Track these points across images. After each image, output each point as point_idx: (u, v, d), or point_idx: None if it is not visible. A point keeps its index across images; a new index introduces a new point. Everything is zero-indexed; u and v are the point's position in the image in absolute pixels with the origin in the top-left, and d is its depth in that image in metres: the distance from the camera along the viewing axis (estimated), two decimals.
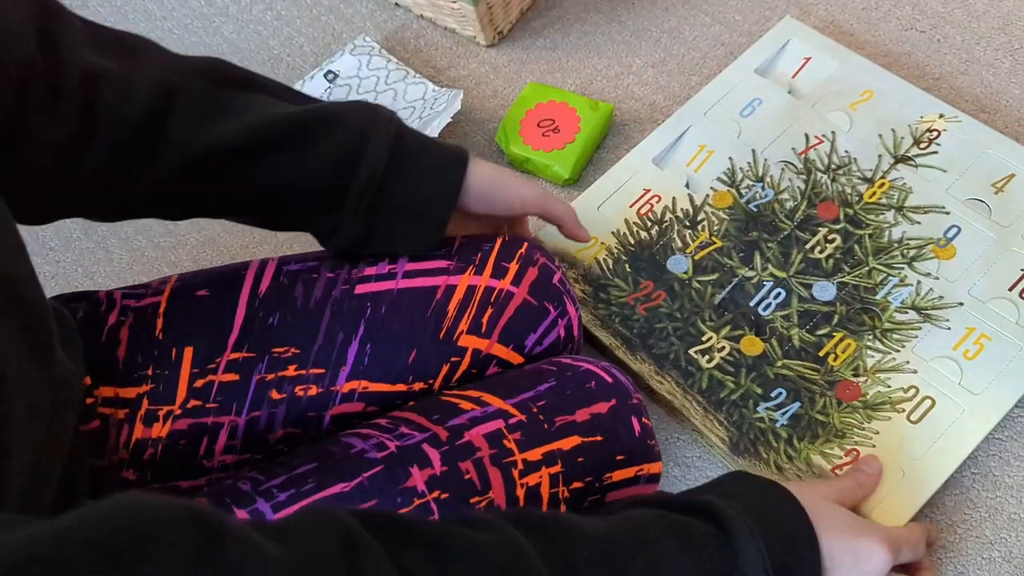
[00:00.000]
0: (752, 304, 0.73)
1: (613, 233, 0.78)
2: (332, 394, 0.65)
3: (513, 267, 0.66)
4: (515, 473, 0.59)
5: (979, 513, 0.68)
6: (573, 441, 0.60)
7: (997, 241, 0.72)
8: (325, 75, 1.04)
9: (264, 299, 0.66)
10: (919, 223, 0.74)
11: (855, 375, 0.68)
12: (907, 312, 0.70)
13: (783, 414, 0.68)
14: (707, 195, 0.78)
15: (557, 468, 0.59)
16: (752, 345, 0.71)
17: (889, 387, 0.67)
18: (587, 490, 0.60)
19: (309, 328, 0.65)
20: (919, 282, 0.71)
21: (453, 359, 0.65)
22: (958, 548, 0.67)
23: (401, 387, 0.65)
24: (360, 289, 0.66)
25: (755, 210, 0.77)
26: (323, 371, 0.64)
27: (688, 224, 0.77)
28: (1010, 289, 0.70)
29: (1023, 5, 0.90)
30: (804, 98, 0.82)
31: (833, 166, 0.78)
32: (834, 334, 0.70)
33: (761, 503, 0.52)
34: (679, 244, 0.76)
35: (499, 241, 0.68)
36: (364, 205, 0.62)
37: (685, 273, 0.75)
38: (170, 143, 0.58)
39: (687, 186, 0.80)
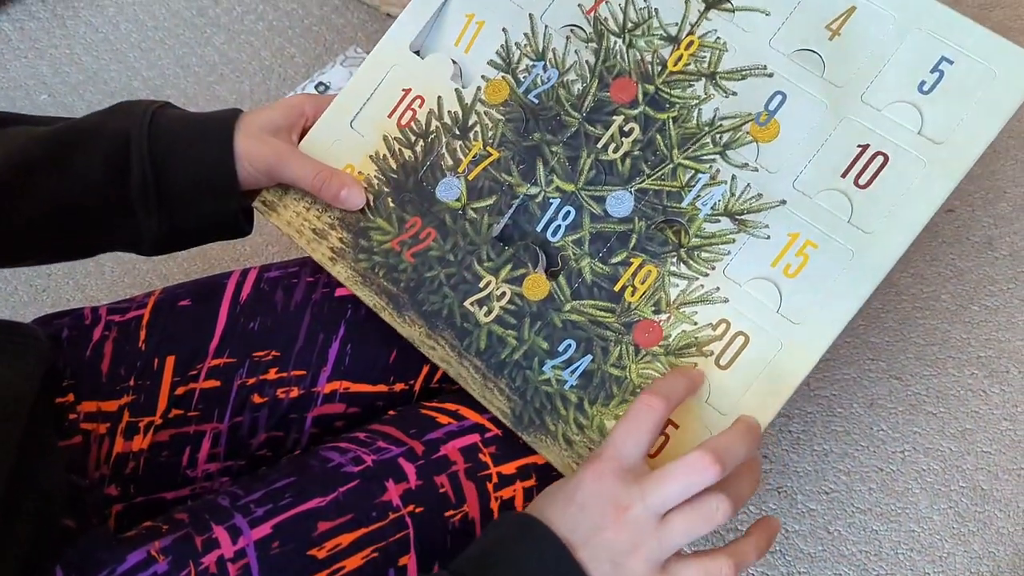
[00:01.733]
0: (539, 229, 0.59)
1: (371, 157, 0.63)
2: (314, 395, 0.65)
3: None
4: (490, 487, 0.60)
5: (967, 527, 0.63)
6: None
7: (830, 108, 0.55)
8: (316, 86, 1.05)
9: (245, 306, 0.66)
10: (735, 93, 0.57)
11: (656, 312, 0.56)
12: (719, 220, 0.56)
13: (572, 372, 0.57)
14: (479, 88, 0.62)
15: (531, 482, 0.60)
16: (535, 287, 0.58)
17: (695, 324, 0.55)
18: None
19: (289, 331, 0.65)
20: (734, 177, 0.56)
21: None
22: (946, 563, 0.63)
23: (382, 388, 0.66)
24: (340, 292, 0.66)
25: (535, 102, 0.61)
26: (304, 373, 0.65)
27: (458, 133, 0.62)
28: (843, 175, 0.55)
29: (1013, 14, 0.76)
30: None
31: (629, 24, 0.60)
32: (631, 260, 0.57)
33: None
34: (449, 162, 0.61)
35: None
36: (152, 203, 0.61)
37: (458, 201, 0.61)
38: None
39: (459, 76, 0.63)
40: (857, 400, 0.94)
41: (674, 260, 0.56)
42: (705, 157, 0.57)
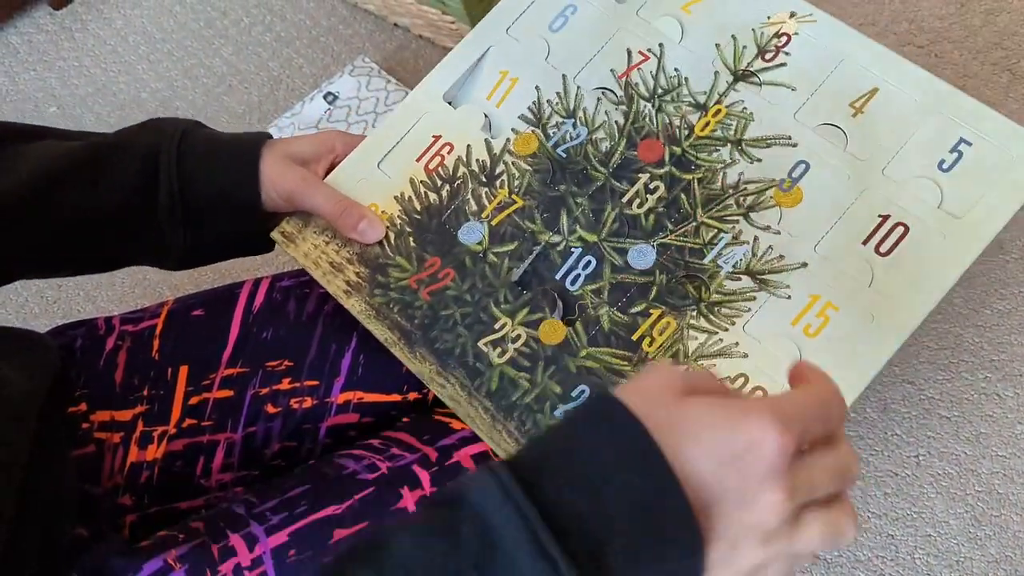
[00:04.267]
0: (558, 277, 0.59)
1: (396, 198, 0.64)
2: (327, 405, 0.65)
3: None
4: None
5: (984, 531, 0.63)
6: None
7: (852, 180, 0.57)
8: (324, 96, 1.05)
9: (258, 315, 0.66)
10: (760, 160, 0.59)
11: (673, 363, 0.56)
12: (740, 279, 0.57)
13: None
14: (508, 139, 0.63)
15: None
16: (552, 331, 0.58)
17: None
18: None
19: (302, 341, 0.65)
20: (756, 238, 0.57)
21: None
22: (963, 567, 0.62)
23: (395, 397, 0.66)
24: None
25: (563, 156, 0.62)
26: (317, 383, 0.65)
27: (484, 180, 0.63)
28: (864, 243, 0.56)
29: (1019, 19, 0.80)
30: (628, 1, 0.65)
31: (659, 91, 0.62)
32: (651, 311, 0.57)
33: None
34: (473, 207, 0.62)
35: None
36: (177, 218, 0.61)
37: (479, 244, 0.61)
38: None
39: (488, 128, 0.65)
40: (870, 405, 0.92)
41: (694, 314, 0.57)
42: (729, 217, 0.58)
